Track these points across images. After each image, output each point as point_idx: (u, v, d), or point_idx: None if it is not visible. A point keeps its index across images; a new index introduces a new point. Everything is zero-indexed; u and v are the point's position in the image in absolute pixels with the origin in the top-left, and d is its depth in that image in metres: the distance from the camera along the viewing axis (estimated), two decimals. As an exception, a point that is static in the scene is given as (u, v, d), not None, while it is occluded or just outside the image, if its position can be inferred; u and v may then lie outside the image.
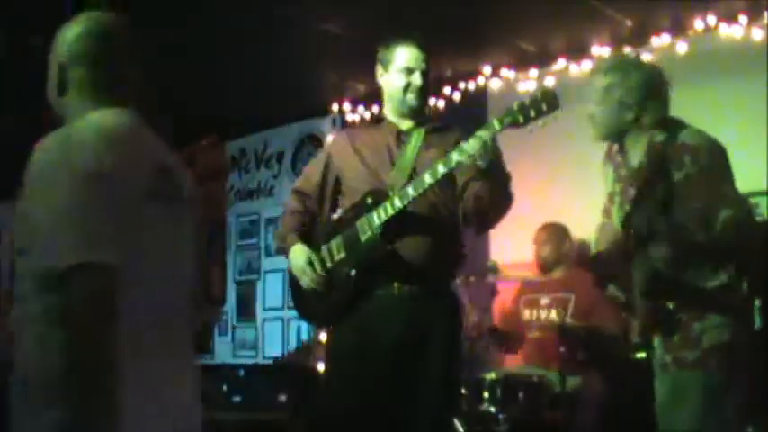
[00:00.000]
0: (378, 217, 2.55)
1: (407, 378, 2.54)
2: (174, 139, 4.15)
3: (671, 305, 2.55)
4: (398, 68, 2.69)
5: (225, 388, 6.27)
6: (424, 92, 2.74)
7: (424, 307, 2.59)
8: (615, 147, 2.76)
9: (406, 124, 2.78)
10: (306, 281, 2.66)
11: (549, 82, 5.23)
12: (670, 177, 2.45)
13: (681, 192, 2.42)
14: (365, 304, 2.59)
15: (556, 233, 4.64)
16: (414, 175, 2.63)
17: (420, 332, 2.57)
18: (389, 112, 2.82)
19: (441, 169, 2.46)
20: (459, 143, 2.66)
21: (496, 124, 2.47)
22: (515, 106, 2.44)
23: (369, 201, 2.62)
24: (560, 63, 5.17)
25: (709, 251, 2.46)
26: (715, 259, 2.49)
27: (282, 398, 5.79)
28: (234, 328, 7.12)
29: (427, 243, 2.61)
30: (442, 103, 5.69)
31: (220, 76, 5.65)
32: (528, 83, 5.35)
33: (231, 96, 5.99)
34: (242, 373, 6.35)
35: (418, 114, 2.77)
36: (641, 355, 2.80)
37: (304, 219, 2.85)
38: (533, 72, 5.31)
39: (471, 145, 2.44)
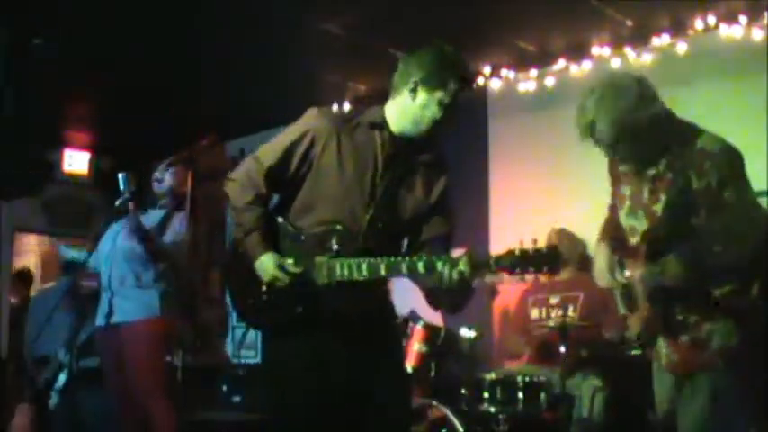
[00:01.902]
0: (340, 272, 2.38)
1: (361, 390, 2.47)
2: (174, 139, 4.16)
3: (678, 312, 2.55)
4: (434, 97, 2.44)
5: (225, 388, 6.27)
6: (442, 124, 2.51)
7: (369, 337, 2.51)
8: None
9: (402, 141, 2.53)
10: (279, 282, 2.45)
11: (549, 82, 5.25)
12: (690, 184, 2.45)
13: (700, 199, 2.43)
14: (309, 331, 2.46)
15: (565, 242, 4.60)
16: (392, 217, 2.50)
17: (367, 359, 2.49)
18: (394, 119, 2.53)
19: (420, 269, 2.30)
20: (441, 196, 2.56)
21: (492, 265, 2.24)
22: (518, 252, 2.18)
23: (334, 244, 2.42)
24: (560, 63, 5.17)
25: (725, 260, 2.45)
26: (730, 268, 2.48)
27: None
28: (234, 328, 7.12)
29: (377, 290, 2.54)
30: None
31: (220, 77, 5.65)
32: (528, 83, 5.36)
33: (231, 96, 5.99)
34: (242, 373, 6.35)
35: (423, 141, 2.55)
36: (636, 352, 2.79)
37: (267, 213, 2.56)
38: (533, 72, 5.31)
39: (462, 267, 2.26)
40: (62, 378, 4.85)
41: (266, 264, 2.46)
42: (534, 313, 4.59)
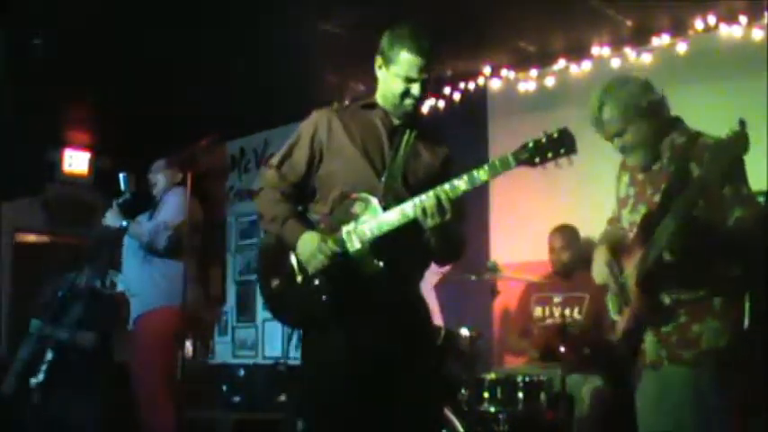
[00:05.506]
0: (370, 230, 2.46)
1: (395, 383, 2.53)
2: (174, 139, 4.17)
3: (667, 299, 2.58)
4: (398, 74, 2.57)
5: (225, 388, 6.28)
6: (422, 100, 2.64)
7: (404, 317, 2.57)
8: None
9: (397, 121, 2.68)
10: (320, 259, 2.48)
11: (549, 82, 5.25)
12: (689, 175, 2.50)
13: (699, 187, 2.46)
14: (346, 314, 2.52)
15: (573, 237, 4.61)
16: (405, 182, 2.58)
17: (402, 342, 2.55)
18: (380, 100, 2.70)
19: (448, 190, 2.40)
20: (446, 161, 2.69)
21: (511, 160, 2.33)
22: (531, 144, 2.30)
23: (356, 208, 2.50)
24: (560, 63, 5.17)
25: (720, 247, 2.51)
26: (724, 256, 2.53)
27: (282, 398, 5.79)
28: (234, 328, 7.13)
29: (410, 258, 2.58)
30: (442, 103, 5.69)
31: (221, 76, 5.65)
32: (528, 83, 5.36)
33: (231, 96, 5.99)
34: (242, 373, 6.36)
35: (411, 117, 2.68)
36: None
37: (295, 205, 2.68)
38: (533, 72, 5.32)
39: (483, 176, 2.38)
40: None
41: (308, 240, 2.52)
42: (537, 311, 4.58)
